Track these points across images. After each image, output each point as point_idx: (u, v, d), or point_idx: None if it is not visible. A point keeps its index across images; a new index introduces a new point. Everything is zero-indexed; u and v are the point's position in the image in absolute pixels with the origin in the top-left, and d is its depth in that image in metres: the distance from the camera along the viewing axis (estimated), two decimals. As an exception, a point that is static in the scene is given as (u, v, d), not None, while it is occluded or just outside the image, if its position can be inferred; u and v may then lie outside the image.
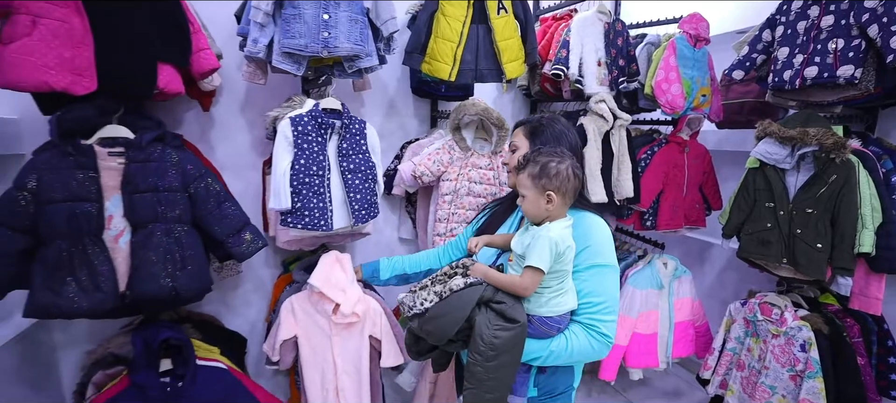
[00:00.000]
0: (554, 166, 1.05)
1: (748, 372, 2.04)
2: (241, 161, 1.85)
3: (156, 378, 1.37)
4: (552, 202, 1.06)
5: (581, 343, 1.07)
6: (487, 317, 1.03)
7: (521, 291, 1.05)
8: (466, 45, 1.70)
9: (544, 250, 1.01)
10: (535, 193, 1.06)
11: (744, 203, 2.03)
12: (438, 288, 1.07)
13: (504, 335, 1.00)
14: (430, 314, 1.05)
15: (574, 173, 1.07)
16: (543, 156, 1.08)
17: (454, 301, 1.04)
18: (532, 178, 1.07)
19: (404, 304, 1.10)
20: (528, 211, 1.09)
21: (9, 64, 1.08)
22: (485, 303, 1.05)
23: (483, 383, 1.01)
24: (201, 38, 1.39)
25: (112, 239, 1.23)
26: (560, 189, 1.05)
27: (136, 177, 1.25)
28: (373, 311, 1.60)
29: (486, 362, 1.00)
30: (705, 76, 2.29)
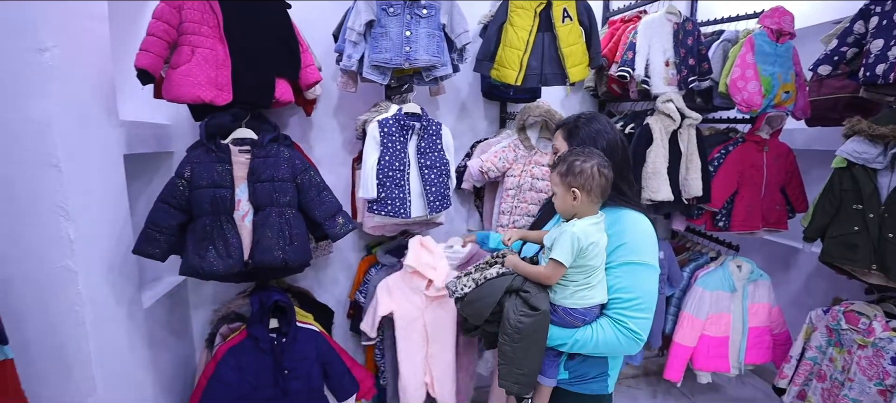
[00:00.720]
0: (579, 164, 1.09)
1: (830, 384, 1.94)
2: (335, 158, 2.15)
3: (266, 333, 1.69)
4: (578, 199, 1.10)
5: (607, 337, 1.11)
6: (514, 304, 1.12)
7: (544, 281, 1.13)
8: (532, 52, 1.84)
9: (566, 244, 1.07)
10: (563, 190, 1.12)
11: (828, 205, 1.94)
12: (476, 276, 1.20)
13: (527, 320, 1.09)
14: (467, 298, 1.19)
15: (600, 171, 1.09)
16: (572, 155, 1.13)
17: (487, 288, 1.16)
18: (560, 177, 1.12)
19: (449, 288, 1.24)
20: (558, 207, 1.16)
21: (175, 83, 1.44)
22: (515, 291, 1.14)
23: (512, 361, 1.11)
24: (308, 56, 1.68)
25: (240, 219, 1.56)
26: (585, 186, 1.09)
27: (258, 169, 1.56)
28: None
29: (512, 343, 1.10)
30: (789, 72, 2.20)
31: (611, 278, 1.12)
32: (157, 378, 1.78)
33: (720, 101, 2.29)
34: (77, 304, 1.34)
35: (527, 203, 1.89)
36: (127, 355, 1.57)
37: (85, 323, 1.35)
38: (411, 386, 1.80)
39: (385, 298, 1.78)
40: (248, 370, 1.64)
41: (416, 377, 1.80)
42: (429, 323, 1.79)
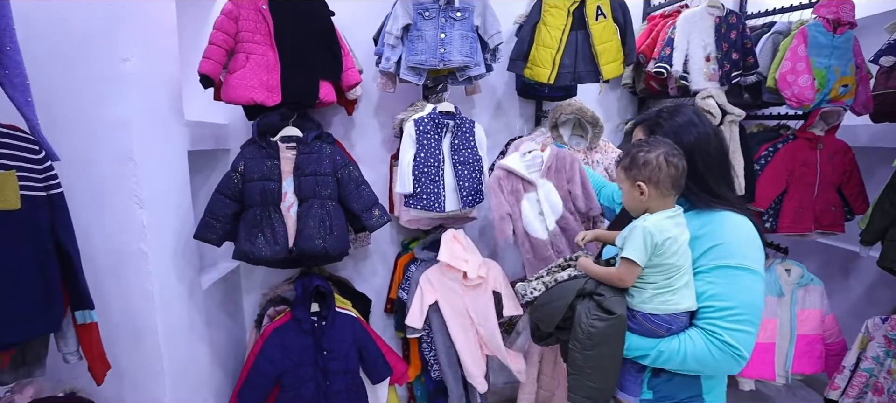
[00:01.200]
0: (642, 155, 1.00)
1: (887, 398, 1.82)
2: (374, 155, 2.27)
3: (308, 315, 1.83)
4: (645, 193, 1.01)
5: (698, 350, 0.97)
6: (587, 307, 1.04)
7: (618, 283, 1.03)
8: (566, 50, 1.86)
9: (637, 240, 0.98)
10: (628, 185, 1.04)
11: (889, 205, 1.83)
12: (547, 279, 1.15)
13: (600, 325, 1.00)
14: (537, 302, 1.15)
15: (668, 161, 0.98)
16: (635, 146, 1.04)
17: (557, 291, 1.10)
18: (624, 171, 1.04)
19: (518, 293, 1.20)
20: (626, 203, 1.08)
21: (232, 86, 1.60)
22: (588, 295, 1.06)
23: (582, 371, 1.03)
24: (349, 59, 1.80)
25: (286, 209, 1.70)
26: (651, 178, 0.99)
27: (303, 164, 1.70)
28: (494, 270, 1.94)
29: (584, 350, 1.02)
30: (848, 64, 2.08)
31: (702, 283, 0.99)
32: (212, 354, 1.97)
33: (770, 97, 2.19)
34: (147, 282, 1.52)
35: (559, 199, 1.92)
36: (187, 330, 1.76)
37: (154, 298, 1.53)
38: (470, 362, 1.90)
39: (429, 288, 1.89)
40: (290, 348, 1.78)
41: (473, 351, 1.91)
42: (471, 308, 1.90)
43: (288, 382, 1.78)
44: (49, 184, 1.11)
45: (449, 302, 1.90)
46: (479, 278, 1.86)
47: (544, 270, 1.21)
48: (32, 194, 1.07)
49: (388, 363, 1.93)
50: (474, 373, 1.91)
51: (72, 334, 1.20)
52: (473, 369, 1.90)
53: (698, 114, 1.09)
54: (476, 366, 1.91)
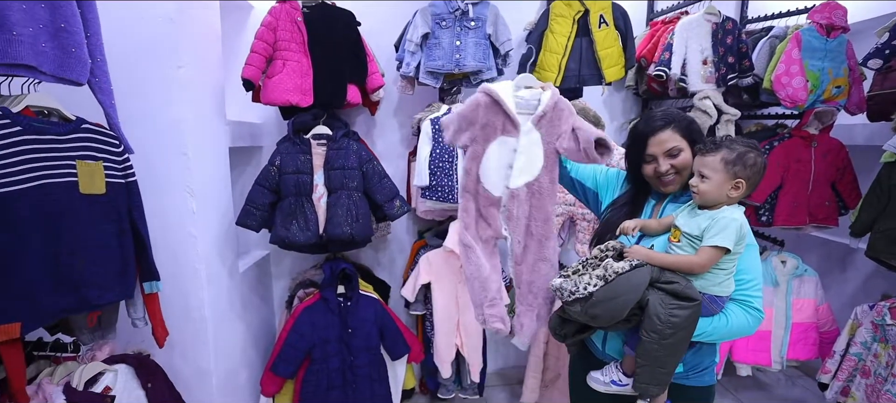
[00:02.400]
0: (753, 157, 1.05)
1: (874, 380, 1.94)
2: (393, 151, 2.46)
3: (335, 296, 2.02)
4: (739, 190, 1.06)
5: (739, 319, 1.09)
6: (660, 297, 1.03)
7: (697, 270, 1.06)
8: (571, 55, 2.03)
9: (731, 231, 1.03)
10: (724, 178, 1.05)
11: (876, 199, 1.95)
12: (600, 272, 1.06)
13: (681, 313, 1.02)
14: (596, 298, 1.05)
15: (763, 167, 1.06)
16: (741, 144, 1.06)
17: (622, 283, 1.04)
18: (725, 163, 1.05)
19: (564, 289, 1.10)
20: (708, 193, 1.07)
21: (270, 90, 1.81)
22: (653, 284, 1.05)
23: (657, 359, 1.04)
24: (373, 65, 2.00)
25: (317, 199, 1.89)
26: (751, 180, 1.05)
27: (332, 159, 1.89)
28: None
29: (661, 340, 1.02)
30: (841, 66, 2.19)
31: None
32: (247, 331, 2.17)
33: (767, 98, 2.32)
34: (196, 262, 1.73)
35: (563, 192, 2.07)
36: (228, 308, 1.96)
37: (201, 277, 1.74)
38: (443, 345, 2.10)
39: (426, 268, 2.08)
40: (319, 325, 1.98)
41: (449, 337, 2.10)
42: (461, 296, 2.08)
43: (317, 355, 1.97)
44: (126, 173, 1.32)
45: (441, 285, 2.08)
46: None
47: (579, 264, 1.17)
48: (114, 181, 1.27)
49: (406, 341, 2.11)
50: (444, 357, 2.09)
51: (141, 302, 1.41)
52: (444, 352, 2.08)
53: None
54: (447, 350, 2.08)
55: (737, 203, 1.08)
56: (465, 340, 2.11)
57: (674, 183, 1.19)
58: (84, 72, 1.16)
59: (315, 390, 1.97)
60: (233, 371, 1.99)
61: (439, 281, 2.08)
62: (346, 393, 2.00)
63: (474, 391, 2.28)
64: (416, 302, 2.15)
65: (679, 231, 1.10)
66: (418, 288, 2.09)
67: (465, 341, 2.11)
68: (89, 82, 1.20)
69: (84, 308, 1.25)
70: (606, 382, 1.17)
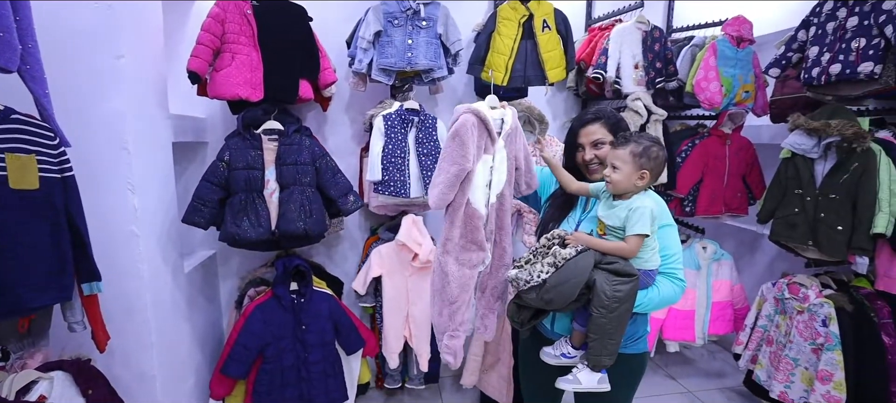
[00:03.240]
0: (656, 150, 1.19)
1: (775, 347, 2.22)
2: (345, 147, 2.47)
3: (288, 293, 2.00)
4: (644, 179, 1.19)
5: (667, 289, 1.23)
6: (605, 276, 1.15)
7: (627, 254, 1.18)
8: (516, 56, 2.14)
9: (646, 218, 1.16)
10: (632, 169, 1.18)
11: (776, 190, 2.22)
12: (550, 259, 1.18)
13: (624, 288, 1.14)
14: (549, 284, 1.17)
15: (664, 161, 1.23)
16: (646, 139, 1.21)
17: (571, 268, 1.16)
18: (633, 155, 1.18)
19: (520, 279, 1.22)
20: (619, 182, 1.19)
21: (218, 83, 1.76)
22: (595, 266, 1.17)
23: (607, 332, 1.15)
24: (325, 61, 2.00)
25: (268, 196, 1.87)
26: (654, 171, 1.20)
27: (284, 155, 1.88)
28: None
29: (609, 313, 1.14)
30: (749, 74, 2.48)
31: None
32: (193, 334, 2.10)
33: (689, 100, 2.57)
34: (139, 261, 1.65)
35: (511, 186, 2.19)
36: (171, 309, 1.89)
37: (144, 276, 1.67)
38: (391, 336, 2.16)
39: (377, 261, 2.12)
40: (271, 323, 1.96)
41: (397, 329, 2.16)
42: (411, 289, 2.15)
43: (270, 353, 1.95)
44: (63, 168, 1.25)
45: (392, 279, 2.14)
46: (428, 262, 2.10)
47: (530, 254, 1.26)
48: (49, 176, 1.21)
49: (361, 335, 2.13)
50: (392, 348, 2.17)
51: (79, 305, 1.34)
52: (392, 344, 2.16)
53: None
54: (395, 342, 2.16)
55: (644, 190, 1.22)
56: (413, 331, 2.17)
57: (598, 172, 1.33)
58: (14, 59, 1.09)
59: (268, 389, 1.95)
60: (178, 375, 1.92)
61: (390, 274, 2.13)
62: (300, 390, 1.99)
63: (421, 381, 2.35)
64: (367, 294, 2.18)
65: (603, 224, 1.23)
66: (369, 281, 2.12)
67: (414, 332, 2.17)
68: (19, 70, 1.13)
69: (17, 312, 1.18)
70: (557, 355, 1.29)
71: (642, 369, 1.42)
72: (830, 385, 1.95)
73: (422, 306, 2.16)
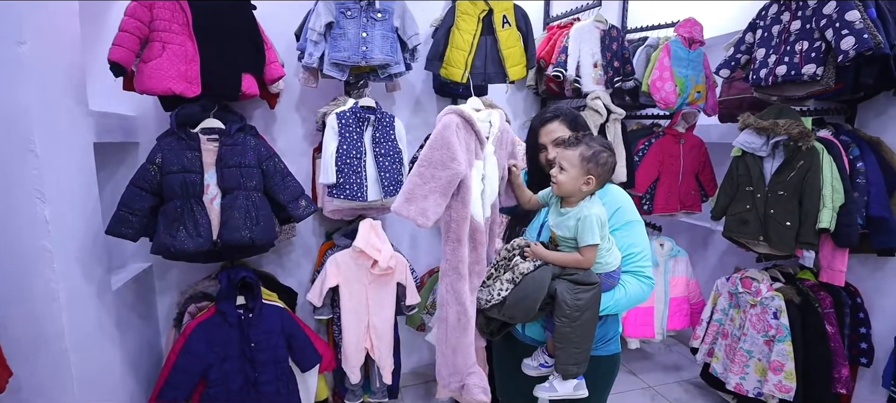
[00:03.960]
0: (605, 157, 1.15)
1: (730, 340, 2.28)
2: (296, 148, 2.30)
3: (234, 308, 1.83)
4: (589, 185, 1.15)
5: (635, 289, 1.20)
6: (566, 285, 1.13)
7: (583, 265, 1.15)
8: (476, 53, 2.07)
9: (594, 228, 1.12)
10: (579, 172, 1.14)
11: (729, 187, 2.28)
12: (509, 276, 1.15)
13: (585, 296, 1.12)
14: (510, 301, 1.14)
15: (613, 167, 1.19)
16: (596, 143, 1.16)
17: (529, 283, 1.13)
18: (582, 159, 1.14)
19: (481, 299, 1.19)
20: (564, 183, 1.16)
21: (147, 76, 1.56)
22: (556, 276, 1.14)
23: (571, 341, 1.13)
24: (272, 53, 1.84)
25: (209, 201, 1.69)
26: (600, 177, 1.16)
27: (226, 156, 1.70)
28: (401, 264, 2.07)
29: (571, 322, 1.11)
30: (700, 74, 2.54)
31: (619, 239, 1.21)
32: (124, 357, 1.87)
33: (645, 100, 2.61)
34: (52, 281, 1.44)
35: (473, 188, 2.12)
36: (97, 333, 1.67)
37: (59, 298, 1.46)
38: (352, 349, 2.02)
39: (333, 271, 1.97)
40: (216, 342, 1.77)
41: (358, 342, 2.03)
42: (371, 298, 2.02)
43: (214, 376, 1.76)
44: (-56, 174, 1.04)
45: (350, 288, 2.00)
46: (388, 269, 1.99)
47: (491, 268, 1.23)
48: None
49: (316, 350, 1.99)
50: (352, 362, 2.04)
51: (-31, 335, 1.13)
52: (353, 357, 2.03)
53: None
54: (356, 355, 2.03)
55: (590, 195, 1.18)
56: (375, 343, 2.05)
57: None
58: None
59: (213, 415, 1.77)
60: (106, 406, 1.70)
61: (348, 283, 1.99)
62: (250, 414, 1.82)
63: (384, 394, 2.23)
64: (324, 306, 2.04)
65: (555, 234, 1.20)
66: (325, 292, 1.98)
67: (376, 344, 2.05)
68: None
69: None
70: (536, 366, 1.26)
71: (615, 370, 1.39)
72: (782, 375, 2.02)
73: (383, 315, 2.05)
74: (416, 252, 2.67)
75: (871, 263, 2.18)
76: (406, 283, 2.08)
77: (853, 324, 2.12)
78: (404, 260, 2.10)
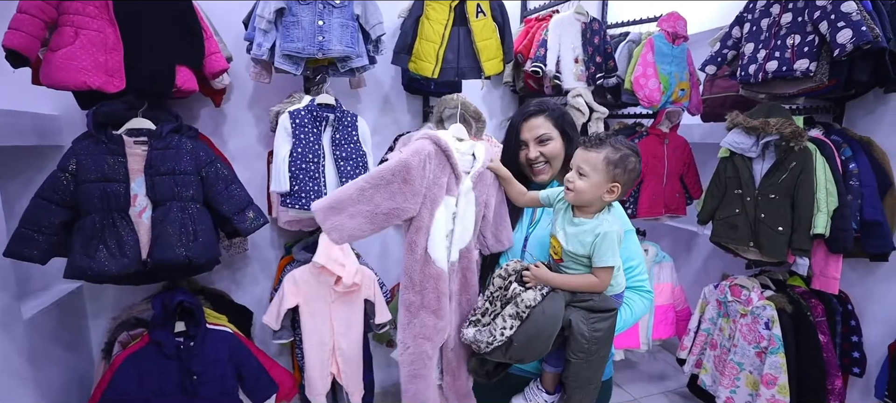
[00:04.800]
0: (633, 161, 0.99)
1: (720, 351, 2.16)
2: (250, 152, 2.07)
3: (171, 337, 1.59)
4: (613, 194, 0.99)
5: (638, 305, 1.11)
6: (581, 315, 0.98)
7: (598, 289, 1.00)
8: (448, 45, 1.88)
9: (613, 246, 0.97)
10: (603, 178, 0.97)
11: (716, 190, 2.16)
12: (512, 310, 0.98)
13: (603, 325, 0.98)
14: (518, 341, 0.96)
15: (639, 174, 1.02)
16: (623, 145, 0.99)
17: (539, 317, 0.96)
18: (608, 163, 0.97)
19: (479, 341, 1.02)
20: (583, 192, 0.98)
21: (56, 67, 1.31)
22: (568, 304, 0.99)
23: (587, 379, 0.99)
24: (212, 43, 1.60)
25: (136, 215, 1.45)
26: (625, 185, 1.00)
27: (157, 161, 1.46)
28: (368, 278, 1.86)
29: (589, 357, 0.97)
30: (684, 71, 2.42)
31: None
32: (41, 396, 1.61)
33: (628, 98, 2.47)
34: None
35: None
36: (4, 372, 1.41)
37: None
38: (316, 375, 1.80)
39: (291, 290, 1.75)
40: (149, 377, 1.53)
41: (323, 367, 1.80)
42: (336, 318, 1.80)
43: (147, 416, 1.52)
44: None
45: (311, 307, 1.79)
46: (354, 285, 1.79)
47: (485, 303, 1.06)
48: None
49: (272, 379, 1.76)
50: (317, 390, 1.82)
51: None
52: (318, 384, 1.81)
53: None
54: (320, 382, 1.82)
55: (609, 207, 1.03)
56: (342, 367, 1.83)
57: (545, 172, 1.19)
58: None
59: (146, 462, 1.52)
60: (13, 458, 1.44)
61: (309, 302, 1.77)
62: (192, 458, 1.58)
63: None
64: (283, 328, 1.81)
65: (559, 246, 1.03)
66: (283, 314, 1.75)
67: (343, 368, 1.83)
68: None
69: None
70: None
71: (609, 396, 1.26)
72: (775, 389, 1.90)
73: (350, 336, 1.83)
74: (386, 262, 2.46)
75: (861, 268, 2.09)
76: (375, 299, 1.88)
77: (845, 333, 2.03)
78: (372, 274, 1.89)
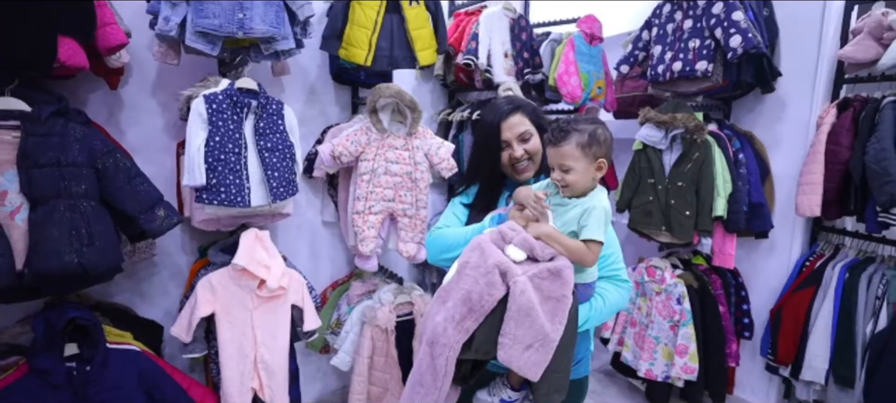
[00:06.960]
0: (601, 131, 0.99)
1: (639, 328, 2.34)
2: (154, 143, 1.81)
3: (60, 363, 1.33)
4: (602, 169, 1.00)
5: (613, 295, 1.08)
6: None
7: (588, 264, 0.98)
8: (381, 32, 1.82)
9: (602, 220, 0.95)
10: (587, 163, 0.98)
11: (631, 180, 2.34)
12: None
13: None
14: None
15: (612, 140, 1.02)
16: (583, 123, 0.99)
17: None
18: (582, 148, 0.97)
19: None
20: (577, 183, 0.99)
21: None
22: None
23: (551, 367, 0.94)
24: (106, 12, 1.36)
25: (7, 216, 1.19)
26: (607, 155, 1.00)
27: (35, 151, 1.21)
28: (296, 282, 1.72)
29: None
30: (600, 71, 2.59)
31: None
32: None
33: (551, 95, 2.59)
34: None
35: (382, 187, 1.85)
36: None
37: None
38: (234, 391, 1.61)
39: (206, 296, 1.56)
40: (31, 412, 1.27)
41: (242, 382, 1.63)
42: (259, 326, 1.64)
43: (28, 460, 1.26)
44: None
45: (230, 316, 1.62)
46: (280, 289, 1.65)
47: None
48: None
49: (191, 398, 1.56)
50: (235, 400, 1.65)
51: None
52: (235, 400, 1.64)
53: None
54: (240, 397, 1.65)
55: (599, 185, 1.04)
56: (265, 381, 1.66)
57: (528, 169, 1.19)
58: None
59: None
60: None
61: (227, 310, 1.59)
62: None
63: None
64: (195, 341, 1.61)
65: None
66: (196, 323, 1.56)
67: (267, 382, 1.66)
68: None
69: None
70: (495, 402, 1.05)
71: (584, 394, 1.25)
72: (687, 358, 2.11)
73: (275, 346, 1.67)
74: (318, 263, 2.32)
75: (747, 245, 2.41)
76: (303, 305, 1.73)
77: (737, 302, 2.32)
78: (300, 276, 1.76)
